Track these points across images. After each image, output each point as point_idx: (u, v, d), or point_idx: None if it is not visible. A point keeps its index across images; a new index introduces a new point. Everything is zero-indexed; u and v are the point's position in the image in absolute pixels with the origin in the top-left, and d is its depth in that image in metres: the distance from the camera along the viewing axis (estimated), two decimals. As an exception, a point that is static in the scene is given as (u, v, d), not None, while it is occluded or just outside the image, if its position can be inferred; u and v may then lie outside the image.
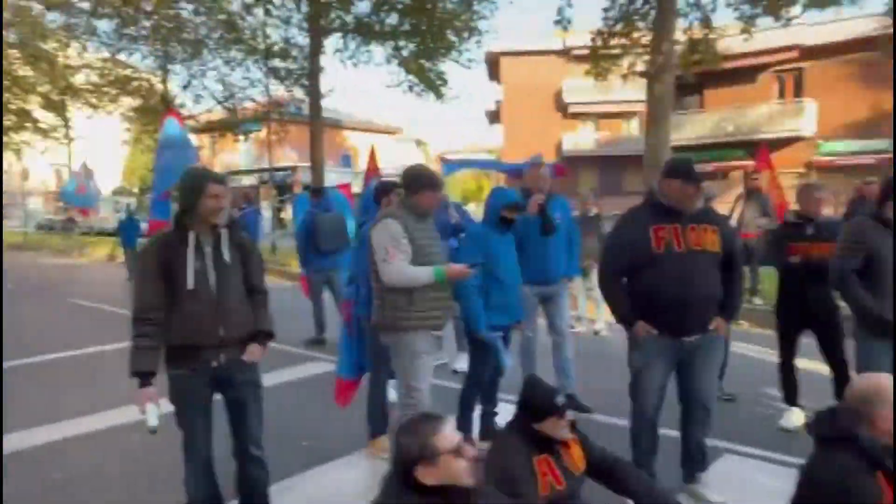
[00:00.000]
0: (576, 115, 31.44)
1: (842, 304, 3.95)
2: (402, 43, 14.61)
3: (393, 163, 26.31)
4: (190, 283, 2.67)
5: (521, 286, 4.22)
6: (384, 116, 53.47)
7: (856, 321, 3.59)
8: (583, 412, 2.59)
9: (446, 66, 14.83)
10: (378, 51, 15.18)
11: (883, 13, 12.23)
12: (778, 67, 25.26)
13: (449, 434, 1.91)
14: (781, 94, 25.77)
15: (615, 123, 31.45)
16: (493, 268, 3.89)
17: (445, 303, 3.49)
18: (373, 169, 7.33)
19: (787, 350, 4.48)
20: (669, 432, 3.53)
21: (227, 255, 2.79)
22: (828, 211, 4.92)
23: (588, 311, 8.60)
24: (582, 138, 31.29)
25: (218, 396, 2.83)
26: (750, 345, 6.50)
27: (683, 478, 3.48)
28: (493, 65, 32.59)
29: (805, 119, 24.55)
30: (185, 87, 18.37)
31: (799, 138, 24.53)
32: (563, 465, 2.46)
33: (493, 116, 36.23)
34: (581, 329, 8.35)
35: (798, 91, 25.22)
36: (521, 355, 4.99)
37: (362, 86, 64.81)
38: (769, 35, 16.10)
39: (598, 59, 13.00)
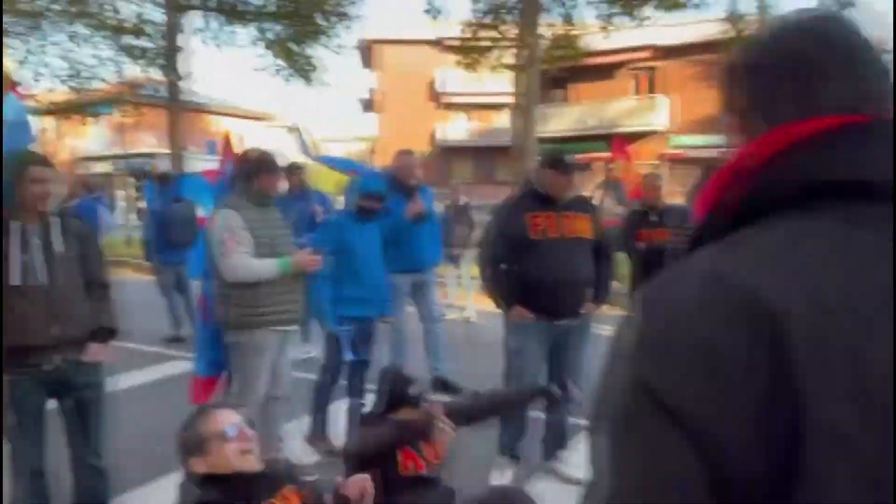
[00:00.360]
0: (449, 106, 31.77)
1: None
2: (267, 25, 13.95)
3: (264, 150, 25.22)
4: (15, 278, 2.40)
5: (390, 278, 4.18)
6: (256, 102, 51.32)
7: None
8: (453, 393, 2.64)
9: (316, 51, 14.22)
10: (243, 32, 14.35)
11: (724, 19, 13.29)
12: (634, 65, 26.92)
13: (216, 418, 1.83)
14: (637, 91, 27.50)
15: (487, 114, 32.09)
16: (348, 259, 3.79)
17: (297, 296, 3.38)
18: (229, 155, 7.00)
19: None
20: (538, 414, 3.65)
21: (58, 246, 2.53)
22: (679, 200, 5.37)
23: (459, 298, 8.77)
24: (455, 129, 31.70)
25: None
26: (606, 326, 6.86)
27: (544, 455, 3.62)
28: (367, 52, 32.18)
29: (658, 114, 26.37)
30: (21, 63, 16.53)
31: (653, 132, 26.33)
32: (425, 455, 2.47)
33: (368, 105, 35.82)
34: (452, 317, 8.49)
35: (652, 88, 27.03)
36: (390, 347, 5.00)
37: (233, 70, 61.82)
38: (626, 35, 17.07)
39: (468, 51, 13.22)
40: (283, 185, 3.95)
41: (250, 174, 3.33)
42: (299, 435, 4.00)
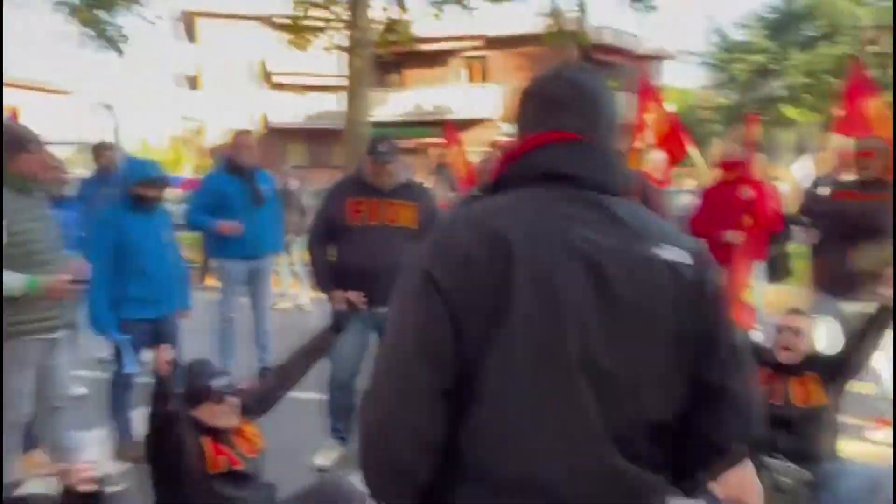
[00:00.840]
0: (282, 86, 30.71)
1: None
2: None
3: (67, 128, 22.78)
4: None
5: (180, 270, 3.94)
6: (56, 75, 45.88)
7: None
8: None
9: (128, 21, 12.97)
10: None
11: (547, 13, 14.02)
12: (466, 54, 27.86)
13: None
14: (469, 79, 28.49)
15: (321, 96, 31.52)
16: (129, 256, 3.46)
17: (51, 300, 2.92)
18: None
19: None
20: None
21: None
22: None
23: (291, 286, 8.66)
24: (288, 110, 30.73)
25: None
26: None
27: None
28: (188, 25, 30.14)
29: (488, 102, 27.50)
30: None
31: (484, 120, 27.43)
32: (238, 450, 2.39)
33: (192, 82, 33.58)
34: (285, 305, 8.36)
35: (483, 76, 28.13)
36: (220, 339, 4.82)
37: (29, 37, 54.69)
38: (458, 23, 17.53)
39: (298, 30, 12.86)
40: (52, 170, 3.49)
41: (9, 153, 2.76)
42: (101, 443, 3.69)
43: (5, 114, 4.93)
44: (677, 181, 19.27)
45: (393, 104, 27.68)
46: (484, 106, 27.45)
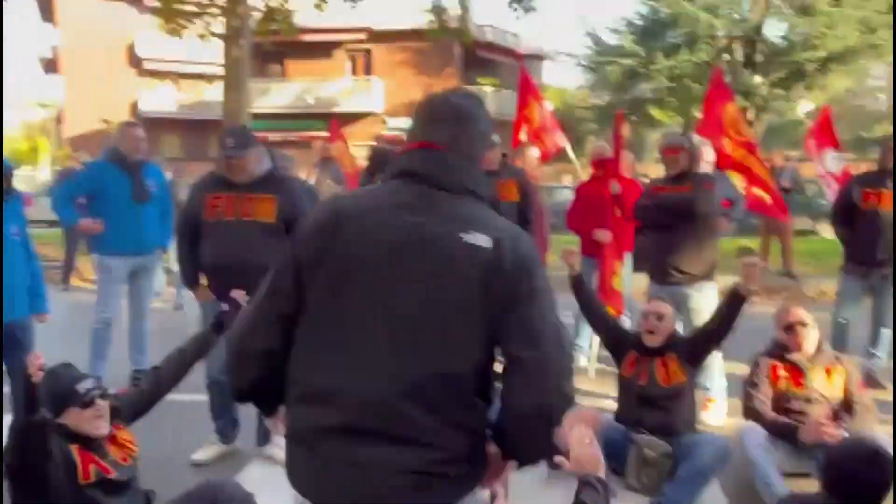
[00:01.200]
0: (153, 73, 28.98)
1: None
2: None
3: None
4: None
5: (32, 270, 3.64)
6: None
7: None
8: None
9: None
10: None
11: (431, 10, 14.07)
12: (350, 46, 27.60)
13: None
14: (354, 72, 28.26)
15: (198, 85, 30.10)
16: None
17: None
18: None
19: None
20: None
21: None
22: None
23: (167, 283, 8.34)
24: (162, 99, 29.04)
25: None
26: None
27: (258, 440, 3.60)
28: (46, 4, 27.70)
29: (373, 96, 27.47)
30: None
31: (369, 114, 27.35)
32: (110, 458, 2.28)
33: (50, 65, 30.92)
34: (162, 305, 7.99)
35: (367, 70, 28.01)
36: (94, 341, 4.56)
37: None
38: (343, 15, 17.30)
39: (171, 14, 12.16)
40: None
41: None
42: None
43: None
44: (557, 178, 20.28)
45: (275, 95, 27.00)
46: (369, 100, 27.38)
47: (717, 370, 4.34)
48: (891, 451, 2.17)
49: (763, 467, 3.04)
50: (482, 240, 1.35)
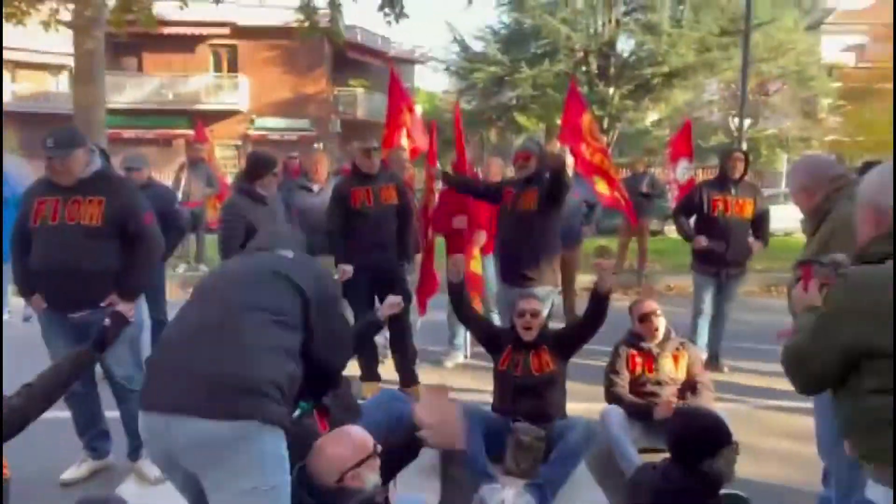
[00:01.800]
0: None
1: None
2: None
3: None
4: None
5: None
6: None
7: None
8: None
9: None
10: None
11: (297, 8, 13.82)
12: (214, 41, 26.38)
13: None
14: (218, 68, 27.05)
15: (40, 76, 27.46)
16: None
17: None
18: None
19: None
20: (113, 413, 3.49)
21: None
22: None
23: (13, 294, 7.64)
24: (-5, 89, 26.19)
25: None
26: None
27: (129, 455, 3.48)
28: None
29: (239, 94, 26.45)
30: None
31: (235, 112, 26.29)
32: None
33: None
34: (7, 317, 7.33)
35: (232, 67, 26.91)
36: None
37: None
38: (206, 9, 16.45)
39: (10, -2, 11.07)
40: None
41: None
42: None
43: None
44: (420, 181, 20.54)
45: (131, 90, 25.27)
46: (234, 97, 26.33)
47: None
48: (723, 421, 2.45)
49: (622, 444, 3.30)
50: (288, 253, 2.39)
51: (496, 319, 5.21)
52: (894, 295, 1.59)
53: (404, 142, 6.09)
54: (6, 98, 25.89)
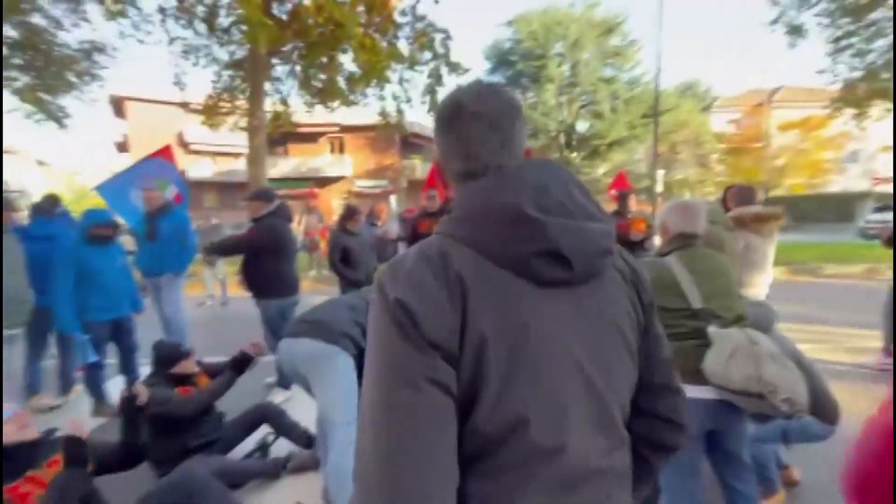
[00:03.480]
0: (197, 152, 27.36)
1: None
2: (14, 74, 9.80)
3: (9, 183, 18.11)
4: None
5: (130, 284, 3.45)
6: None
7: None
8: None
9: (68, 101, 10.73)
10: None
11: (379, 113, 13.87)
12: (330, 134, 27.10)
13: None
14: (332, 151, 27.76)
15: (229, 159, 28.66)
16: (90, 277, 3.12)
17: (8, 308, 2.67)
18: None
19: None
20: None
21: None
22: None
23: (215, 288, 7.84)
24: (203, 169, 27.45)
25: None
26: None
27: None
28: (118, 105, 25.70)
29: (346, 166, 27.06)
30: None
31: (343, 177, 26.92)
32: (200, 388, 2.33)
33: (121, 147, 28.58)
34: (209, 302, 7.55)
35: (341, 150, 27.57)
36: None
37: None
38: (324, 114, 17.09)
39: (210, 114, 11.71)
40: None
41: None
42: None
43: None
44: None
45: (281, 166, 26.15)
46: (342, 169, 27.01)
47: None
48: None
49: None
50: None
51: None
52: None
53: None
54: (209, 174, 27.17)
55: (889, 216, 12.21)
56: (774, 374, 1.38)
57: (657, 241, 2.22)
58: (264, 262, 3.35)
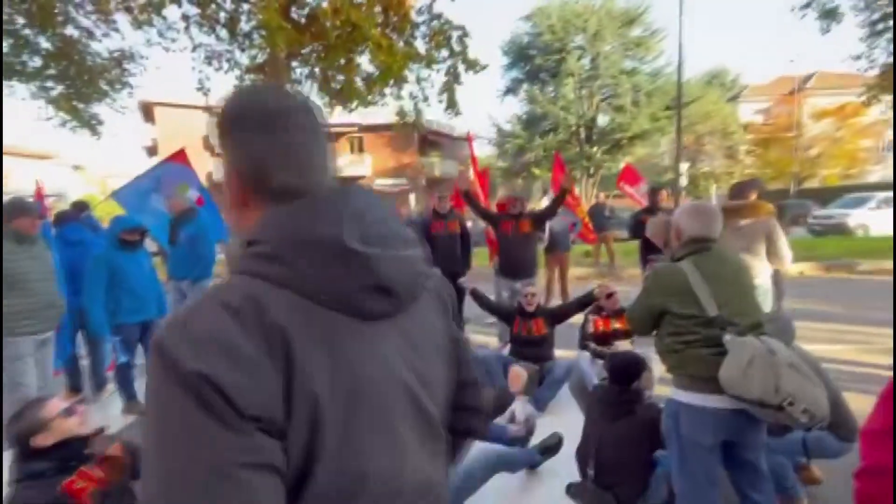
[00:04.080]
0: (220, 155, 27.99)
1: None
2: (49, 84, 10.17)
3: (50, 187, 19.03)
4: None
5: (157, 287, 3.53)
6: (38, 142, 37.57)
7: None
8: None
9: (101, 109, 11.13)
10: (22, 88, 10.53)
11: (397, 112, 13.92)
12: (349, 135, 27.41)
13: (53, 404, 1.61)
14: (352, 151, 28.08)
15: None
16: (121, 280, 3.22)
17: (42, 312, 2.77)
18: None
19: None
20: None
21: None
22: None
23: None
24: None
25: None
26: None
27: None
28: (147, 110, 26.60)
29: (365, 166, 27.33)
30: None
31: (363, 176, 27.19)
32: None
33: (151, 150, 29.60)
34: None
35: (361, 149, 27.86)
36: None
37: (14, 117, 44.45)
38: (343, 115, 17.27)
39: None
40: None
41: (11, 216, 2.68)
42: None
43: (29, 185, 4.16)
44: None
45: (302, 166, 26.57)
46: (361, 168, 27.28)
47: None
48: (642, 358, 2.34)
49: (588, 375, 3.23)
50: None
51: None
52: None
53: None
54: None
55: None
56: (793, 385, 1.35)
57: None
58: None
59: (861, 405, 2.65)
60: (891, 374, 0.70)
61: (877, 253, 8.54)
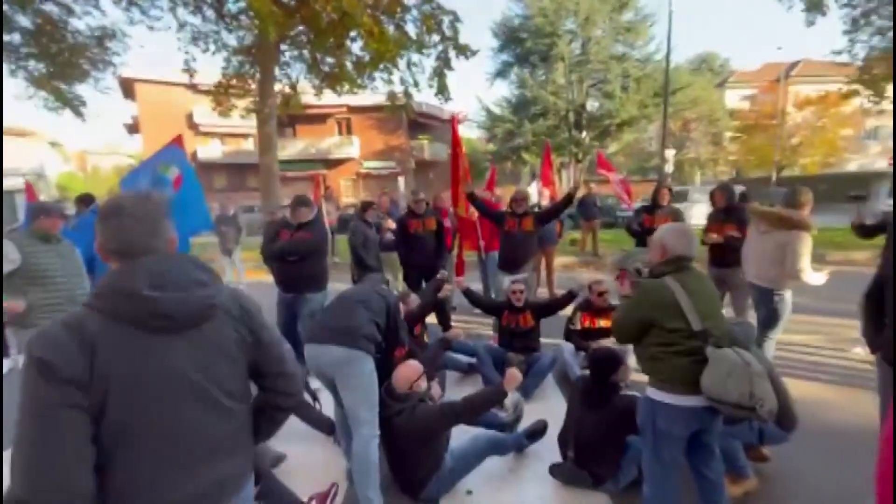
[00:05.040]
0: (206, 133, 27.36)
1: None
2: (30, 63, 9.81)
3: (26, 165, 18.37)
4: None
5: None
6: (15, 119, 35.89)
7: None
8: None
9: (82, 88, 10.80)
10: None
11: (387, 95, 13.75)
12: (337, 116, 26.91)
13: None
14: (340, 132, 27.62)
15: (237, 140, 28.65)
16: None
17: (62, 307, 2.80)
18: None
19: None
20: None
21: None
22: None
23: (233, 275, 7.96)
24: (212, 150, 27.51)
25: None
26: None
27: None
28: (128, 87, 25.64)
29: (353, 147, 26.95)
30: None
31: (351, 158, 26.89)
32: None
33: (132, 128, 28.67)
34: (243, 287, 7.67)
35: (349, 131, 27.42)
36: None
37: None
38: (332, 97, 16.97)
39: (220, 99, 11.78)
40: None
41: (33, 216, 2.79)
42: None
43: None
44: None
45: (290, 148, 26.15)
46: (350, 150, 26.93)
47: None
48: (620, 353, 2.44)
49: (571, 366, 3.41)
50: None
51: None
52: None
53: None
54: (219, 156, 27.22)
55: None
56: (762, 390, 1.59)
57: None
58: (318, 260, 3.63)
59: (830, 394, 2.85)
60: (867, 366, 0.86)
61: (848, 245, 8.81)
